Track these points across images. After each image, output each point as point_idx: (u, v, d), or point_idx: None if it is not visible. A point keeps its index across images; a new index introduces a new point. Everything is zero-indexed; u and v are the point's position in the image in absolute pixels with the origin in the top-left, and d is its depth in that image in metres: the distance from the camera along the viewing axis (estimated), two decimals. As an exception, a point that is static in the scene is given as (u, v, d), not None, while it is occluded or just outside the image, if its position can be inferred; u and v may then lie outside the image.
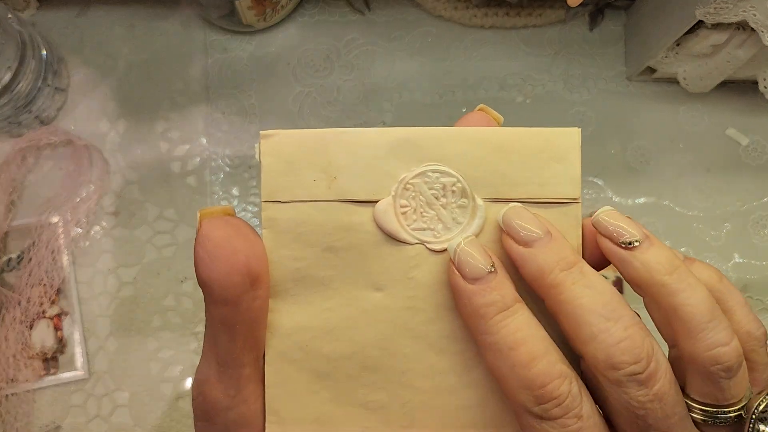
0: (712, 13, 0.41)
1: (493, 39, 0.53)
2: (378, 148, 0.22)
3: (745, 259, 0.51)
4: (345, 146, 0.22)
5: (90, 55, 0.52)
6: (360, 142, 0.22)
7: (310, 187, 0.22)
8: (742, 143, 0.53)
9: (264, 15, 0.50)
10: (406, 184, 0.22)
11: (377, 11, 0.53)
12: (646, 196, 0.52)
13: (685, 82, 0.49)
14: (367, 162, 0.22)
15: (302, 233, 0.22)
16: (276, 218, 0.22)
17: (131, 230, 0.50)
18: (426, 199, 0.22)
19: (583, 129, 0.53)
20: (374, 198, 0.22)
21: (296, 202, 0.22)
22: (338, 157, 0.22)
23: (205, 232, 0.20)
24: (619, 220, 0.21)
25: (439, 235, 0.22)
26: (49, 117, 0.51)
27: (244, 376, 0.22)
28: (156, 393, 0.48)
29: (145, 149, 0.51)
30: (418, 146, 0.22)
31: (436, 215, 0.22)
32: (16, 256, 0.49)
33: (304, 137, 0.22)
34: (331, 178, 0.22)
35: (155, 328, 0.49)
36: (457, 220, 0.22)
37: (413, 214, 0.22)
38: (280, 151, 0.22)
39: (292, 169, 0.22)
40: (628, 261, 0.21)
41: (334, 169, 0.22)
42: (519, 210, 0.21)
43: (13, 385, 0.47)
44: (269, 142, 0.21)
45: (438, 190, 0.22)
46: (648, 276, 0.20)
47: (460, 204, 0.22)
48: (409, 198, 0.22)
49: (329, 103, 0.52)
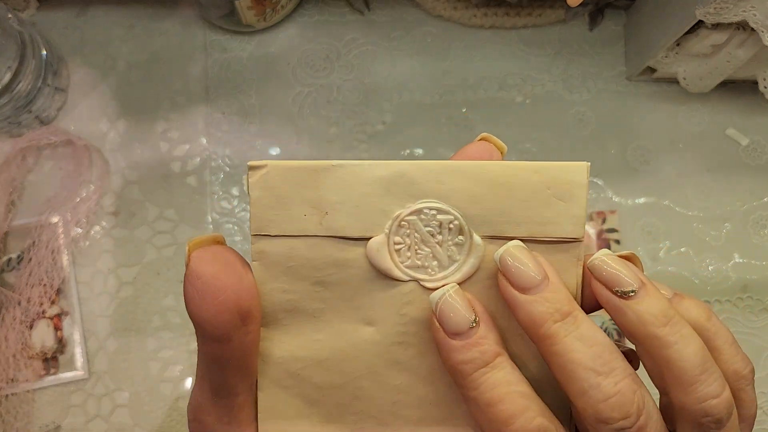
0: (712, 13, 0.41)
1: (493, 39, 0.53)
2: (371, 184, 0.21)
3: (745, 259, 0.51)
4: (337, 181, 0.21)
5: (90, 55, 0.52)
6: (353, 177, 0.21)
7: (300, 222, 0.21)
8: (742, 143, 0.53)
9: (264, 15, 0.50)
10: (400, 222, 0.21)
11: (377, 11, 0.53)
12: (646, 196, 0.52)
13: (685, 82, 0.49)
14: (360, 198, 0.21)
15: (292, 267, 0.21)
16: (265, 251, 0.21)
17: (131, 230, 0.50)
18: (421, 237, 0.21)
19: (582, 129, 0.53)
20: (367, 235, 0.21)
21: (286, 236, 0.21)
22: (330, 192, 0.21)
23: (193, 267, 0.19)
24: (616, 266, 0.21)
25: (434, 272, 0.21)
26: (49, 117, 0.51)
27: (237, 404, 0.22)
28: (156, 393, 0.48)
29: (145, 149, 0.51)
30: (414, 182, 0.21)
31: (431, 253, 0.21)
32: (16, 256, 0.49)
33: (293, 170, 0.21)
34: (322, 214, 0.21)
35: (155, 328, 0.49)
36: (453, 258, 0.21)
37: (407, 252, 0.21)
38: (269, 184, 0.21)
39: (282, 203, 0.21)
40: (622, 310, 0.20)
41: (325, 204, 0.21)
42: (518, 250, 0.21)
43: (13, 384, 0.47)
44: (258, 174, 0.21)
45: (434, 227, 0.21)
46: (642, 328, 0.20)
47: (456, 242, 0.21)
48: (403, 235, 0.21)
49: (329, 103, 0.52)
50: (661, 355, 0.20)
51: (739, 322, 0.50)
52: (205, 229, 0.50)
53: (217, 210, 0.50)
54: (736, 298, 0.50)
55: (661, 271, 0.50)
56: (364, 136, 0.52)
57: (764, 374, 0.50)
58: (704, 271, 0.51)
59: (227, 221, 0.50)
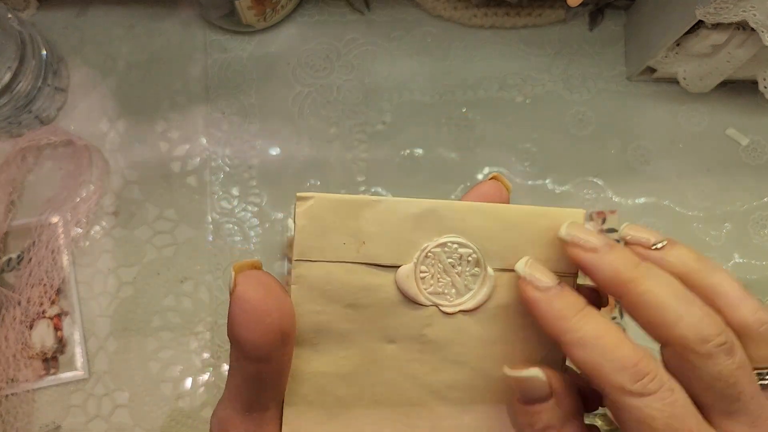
0: (712, 13, 0.41)
1: (493, 39, 0.53)
2: (405, 219, 0.24)
3: (745, 259, 0.51)
4: (375, 215, 0.24)
5: (90, 55, 0.52)
6: (389, 211, 0.24)
7: (339, 250, 0.23)
8: (742, 143, 0.53)
9: (264, 15, 0.50)
10: (427, 253, 0.24)
11: (377, 11, 0.53)
12: (646, 196, 0.52)
13: (685, 82, 0.49)
14: (394, 231, 0.24)
15: (328, 290, 0.24)
16: (305, 275, 0.23)
17: (131, 230, 0.50)
18: (443, 267, 0.24)
19: (582, 129, 0.53)
20: (397, 263, 0.24)
21: (325, 261, 0.23)
22: (368, 224, 0.23)
23: (240, 293, 0.21)
24: (583, 232, 0.24)
25: (452, 299, 0.24)
26: (49, 117, 0.51)
27: (266, 417, 0.23)
28: (156, 393, 0.48)
29: (145, 149, 0.51)
30: (441, 218, 0.24)
31: (451, 281, 0.24)
32: (16, 256, 0.49)
33: (337, 203, 0.23)
34: (360, 243, 0.23)
35: (155, 328, 0.49)
36: (468, 286, 0.24)
37: (431, 279, 0.24)
38: (314, 214, 0.23)
39: (324, 232, 0.23)
40: (595, 265, 0.23)
41: (363, 234, 0.23)
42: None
43: (13, 385, 0.47)
44: (305, 205, 0.23)
45: (455, 259, 0.24)
46: (615, 277, 0.23)
47: (473, 273, 0.24)
48: (428, 265, 0.24)
49: (329, 103, 0.52)
50: (639, 301, 0.22)
51: (739, 322, 0.50)
52: (205, 229, 0.50)
53: (217, 210, 0.50)
54: (736, 298, 0.50)
55: (661, 271, 0.50)
56: (364, 136, 0.52)
57: (764, 374, 0.50)
58: (704, 271, 0.51)
59: (227, 221, 0.50)
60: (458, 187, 0.51)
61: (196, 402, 0.48)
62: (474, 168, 0.51)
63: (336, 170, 0.51)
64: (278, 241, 0.50)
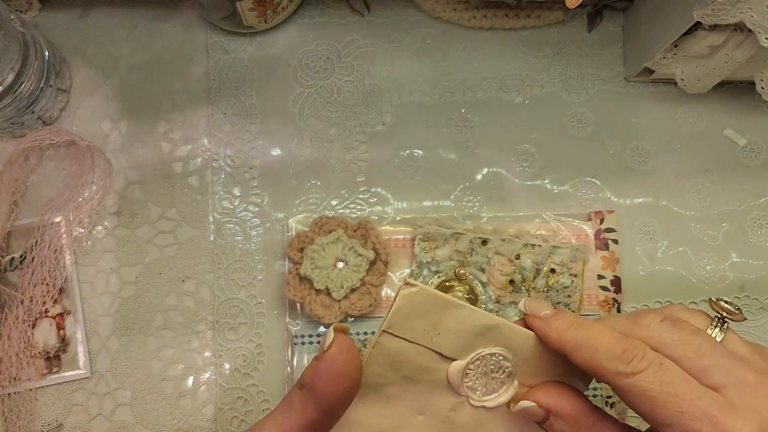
0: (710, 15, 0.41)
1: (492, 40, 0.54)
2: (475, 326, 0.29)
3: (743, 259, 0.51)
4: (456, 316, 0.28)
5: (92, 56, 0.53)
6: (467, 317, 0.28)
7: (418, 333, 0.28)
8: (740, 144, 0.53)
9: (265, 16, 0.50)
10: (480, 356, 0.29)
11: (377, 13, 0.54)
12: (644, 196, 0.52)
13: (683, 82, 0.50)
14: (464, 332, 0.28)
15: (396, 361, 0.28)
16: (384, 345, 0.28)
17: (133, 230, 0.51)
18: (485, 370, 0.29)
19: (581, 129, 0.54)
20: (455, 357, 0.29)
21: (404, 339, 0.28)
22: (448, 321, 0.28)
23: (334, 353, 0.26)
24: (534, 303, 0.30)
25: (481, 395, 0.30)
26: (52, 117, 0.51)
27: None
28: (158, 391, 0.49)
29: (147, 150, 0.52)
30: (500, 334, 0.29)
31: (485, 383, 0.29)
32: (18, 255, 0.49)
33: (433, 298, 0.28)
34: (436, 333, 0.28)
35: (157, 327, 0.49)
36: (496, 390, 0.30)
37: (472, 376, 0.29)
38: (413, 299, 0.27)
39: (414, 316, 0.28)
40: (544, 330, 0.29)
41: (441, 328, 0.28)
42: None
43: (15, 383, 0.47)
44: (409, 290, 0.27)
45: (495, 366, 0.29)
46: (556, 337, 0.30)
47: (503, 380, 0.30)
48: (475, 365, 0.29)
49: (329, 104, 0.52)
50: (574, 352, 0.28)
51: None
52: (206, 229, 0.51)
53: (218, 210, 0.51)
54: (733, 297, 0.51)
55: (659, 270, 0.51)
56: (364, 137, 0.52)
57: (762, 373, 0.50)
58: (702, 271, 0.51)
59: (228, 221, 0.51)
60: (457, 187, 0.51)
61: (198, 400, 0.49)
62: (473, 168, 0.52)
63: (336, 170, 0.51)
64: (279, 241, 0.50)
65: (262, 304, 0.50)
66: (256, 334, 0.49)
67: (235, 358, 0.49)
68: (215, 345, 0.49)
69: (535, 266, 0.48)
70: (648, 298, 0.50)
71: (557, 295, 0.48)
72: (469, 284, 0.48)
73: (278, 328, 0.49)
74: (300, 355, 0.48)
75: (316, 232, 0.48)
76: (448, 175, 0.52)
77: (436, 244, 0.48)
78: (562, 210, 0.51)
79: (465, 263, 0.48)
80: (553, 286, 0.48)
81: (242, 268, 0.50)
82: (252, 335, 0.49)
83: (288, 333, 0.49)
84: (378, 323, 0.48)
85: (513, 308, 0.48)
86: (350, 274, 0.47)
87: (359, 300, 0.47)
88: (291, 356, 0.48)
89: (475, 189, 0.52)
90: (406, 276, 0.29)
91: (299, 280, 0.48)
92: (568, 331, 0.28)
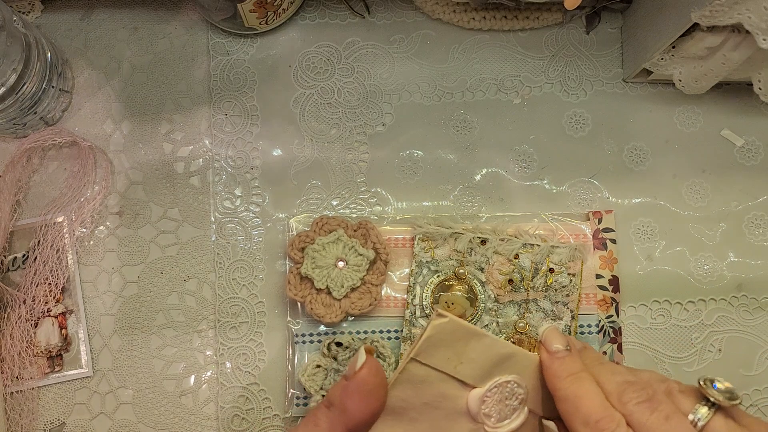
0: (708, 16, 0.41)
1: (491, 42, 0.54)
2: (495, 355, 0.30)
3: (740, 258, 0.52)
4: (479, 345, 0.30)
5: (94, 57, 0.53)
6: (488, 346, 0.30)
7: (443, 362, 0.29)
8: (737, 144, 0.53)
9: (266, 18, 0.50)
10: (497, 384, 0.30)
11: (377, 14, 0.54)
12: (642, 197, 0.52)
13: (681, 83, 0.50)
14: (485, 361, 0.30)
15: (419, 386, 0.29)
16: (411, 371, 0.29)
17: (135, 230, 0.51)
18: (500, 398, 0.30)
19: (579, 130, 0.54)
20: (475, 385, 0.30)
21: (429, 366, 0.29)
22: (471, 351, 0.29)
23: (365, 375, 0.27)
24: (556, 335, 0.32)
25: (494, 422, 0.31)
26: (54, 118, 0.51)
27: None
28: (159, 390, 0.49)
29: (148, 150, 0.52)
30: (516, 363, 0.30)
31: (499, 410, 0.30)
32: (21, 255, 0.50)
33: (461, 328, 0.29)
34: (458, 362, 0.29)
35: (159, 326, 0.50)
36: (508, 416, 0.31)
37: (489, 403, 0.30)
38: (443, 329, 0.29)
39: (441, 345, 0.29)
40: (549, 365, 0.31)
41: (464, 357, 0.30)
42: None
43: (18, 382, 0.48)
44: (441, 320, 0.29)
45: (509, 393, 0.30)
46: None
47: (515, 407, 0.31)
48: (492, 393, 0.30)
49: (330, 105, 0.53)
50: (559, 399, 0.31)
51: (734, 320, 0.51)
52: (208, 229, 0.51)
53: (220, 210, 0.51)
54: (731, 296, 0.51)
55: (657, 270, 0.51)
56: (364, 138, 0.52)
57: (760, 372, 0.51)
58: (700, 270, 0.51)
59: (230, 221, 0.51)
60: (456, 188, 0.52)
61: (199, 399, 0.49)
62: (472, 169, 0.52)
63: (336, 171, 0.52)
64: (280, 241, 0.51)
65: (263, 304, 0.50)
66: (257, 333, 0.50)
67: (237, 356, 0.49)
68: (216, 344, 0.49)
69: (534, 266, 0.48)
70: (646, 297, 0.51)
71: (556, 294, 0.48)
72: (469, 283, 0.48)
73: (279, 327, 0.50)
74: (301, 354, 0.48)
75: (316, 232, 0.48)
76: (448, 175, 0.52)
77: (436, 243, 0.49)
78: (561, 210, 0.51)
79: (464, 263, 0.48)
80: (551, 286, 0.48)
81: (243, 268, 0.50)
82: (253, 334, 0.50)
83: (289, 332, 0.49)
84: (378, 322, 0.49)
85: (512, 307, 0.48)
86: (351, 273, 0.47)
87: (359, 299, 0.47)
88: (292, 355, 0.48)
89: (474, 189, 0.52)
90: (436, 307, 0.30)
91: (300, 279, 0.48)
92: (565, 379, 0.29)
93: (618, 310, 0.49)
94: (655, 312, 0.51)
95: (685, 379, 0.50)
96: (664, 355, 0.50)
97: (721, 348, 0.51)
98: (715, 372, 0.50)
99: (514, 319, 0.48)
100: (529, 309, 0.48)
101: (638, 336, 0.50)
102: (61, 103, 0.51)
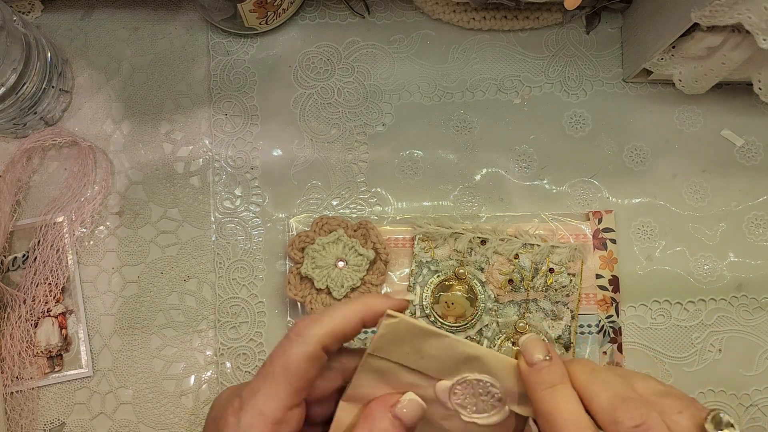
0: (708, 16, 0.41)
1: (491, 42, 0.54)
2: (460, 354, 0.30)
3: (740, 258, 0.52)
4: (438, 344, 0.30)
5: (94, 57, 0.53)
6: (449, 346, 0.30)
7: (402, 356, 0.30)
8: (737, 144, 0.53)
9: (266, 18, 0.50)
10: (465, 380, 0.30)
11: (377, 14, 0.54)
12: (642, 196, 0.52)
13: (681, 83, 0.50)
14: (448, 359, 0.30)
15: (384, 375, 0.30)
16: (371, 364, 0.30)
17: (135, 230, 0.51)
18: (474, 392, 0.31)
19: (579, 130, 0.54)
20: (441, 378, 0.30)
21: (389, 360, 0.30)
22: (431, 347, 0.30)
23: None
24: (536, 344, 0.30)
25: (470, 413, 0.31)
26: (54, 118, 0.52)
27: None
28: (159, 390, 0.49)
29: (148, 150, 0.52)
30: (486, 364, 0.30)
31: (475, 402, 0.31)
32: (21, 255, 0.50)
33: (415, 327, 0.29)
34: (419, 357, 0.30)
35: (159, 326, 0.50)
36: (486, 410, 0.31)
37: (461, 395, 0.31)
38: (395, 328, 0.29)
39: (397, 342, 0.29)
40: (531, 375, 0.30)
41: (424, 353, 0.30)
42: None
43: (18, 382, 0.48)
44: (391, 320, 0.29)
45: (484, 391, 0.31)
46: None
47: (493, 404, 0.31)
48: (463, 386, 0.30)
49: (330, 105, 0.53)
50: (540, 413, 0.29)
51: (734, 320, 0.51)
52: (208, 229, 0.51)
53: (220, 210, 0.51)
54: (731, 296, 0.51)
55: (657, 270, 0.51)
56: (364, 138, 0.52)
57: (760, 372, 0.51)
58: (700, 270, 0.51)
59: (230, 221, 0.51)
60: (457, 187, 0.52)
61: (200, 399, 0.49)
62: (472, 169, 0.52)
63: (336, 171, 0.52)
64: (280, 241, 0.51)
65: (263, 304, 0.50)
66: (257, 333, 0.50)
67: (237, 356, 0.49)
68: (216, 344, 0.50)
69: (534, 266, 0.48)
70: (646, 297, 0.51)
71: (556, 294, 0.48)
72: (469, 283, 0.48)
73: (279, 327, 0.50)
74: (301, 354, 0.48)
75: (316, 232, 0.48)
76: (448, 175, 0.52)
77: (436, 243, 0.49)
78: (561, 210, 0.51)
79: (464, 263, 0.48)
80: (551, 286, 0.48)
81: (243, 268, 0.50)
82: (253, 334, 0.50)
83: (289, 332, 0.49)
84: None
85: (512, 307, 0.48)
86: (351, 273, 0.47)
87: (359, 299, 0.47)
88: (292, 355, 0.48)
89: (474, 189, 0.52)
90: (389, 309, 0.30)
91: (300, 279, 0.48)
92: (543, 390, 0.29)
93: (618, 310, 0.49)
94: (655, 312, 0.51)
95: (685, 379, 0.50)
96: (664, 355, 0.50)
97: (721, 348, 0.51)
98: (716, 372, 0.50)
99: (514, 319, 0.48)
100: (529, 309, 0.48)
101: (638, 336, 0.50)
102: (61, 103, 0.51)
